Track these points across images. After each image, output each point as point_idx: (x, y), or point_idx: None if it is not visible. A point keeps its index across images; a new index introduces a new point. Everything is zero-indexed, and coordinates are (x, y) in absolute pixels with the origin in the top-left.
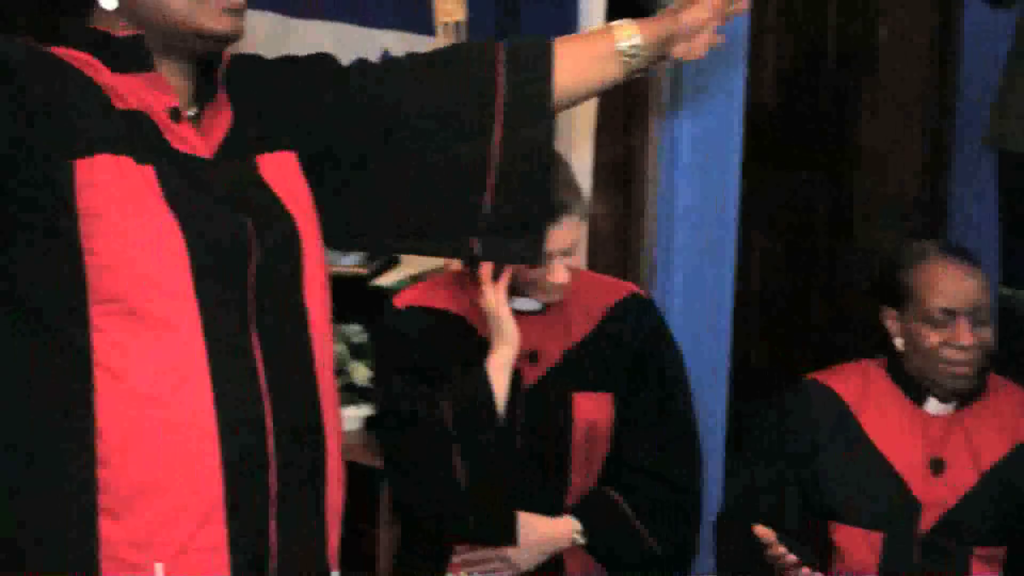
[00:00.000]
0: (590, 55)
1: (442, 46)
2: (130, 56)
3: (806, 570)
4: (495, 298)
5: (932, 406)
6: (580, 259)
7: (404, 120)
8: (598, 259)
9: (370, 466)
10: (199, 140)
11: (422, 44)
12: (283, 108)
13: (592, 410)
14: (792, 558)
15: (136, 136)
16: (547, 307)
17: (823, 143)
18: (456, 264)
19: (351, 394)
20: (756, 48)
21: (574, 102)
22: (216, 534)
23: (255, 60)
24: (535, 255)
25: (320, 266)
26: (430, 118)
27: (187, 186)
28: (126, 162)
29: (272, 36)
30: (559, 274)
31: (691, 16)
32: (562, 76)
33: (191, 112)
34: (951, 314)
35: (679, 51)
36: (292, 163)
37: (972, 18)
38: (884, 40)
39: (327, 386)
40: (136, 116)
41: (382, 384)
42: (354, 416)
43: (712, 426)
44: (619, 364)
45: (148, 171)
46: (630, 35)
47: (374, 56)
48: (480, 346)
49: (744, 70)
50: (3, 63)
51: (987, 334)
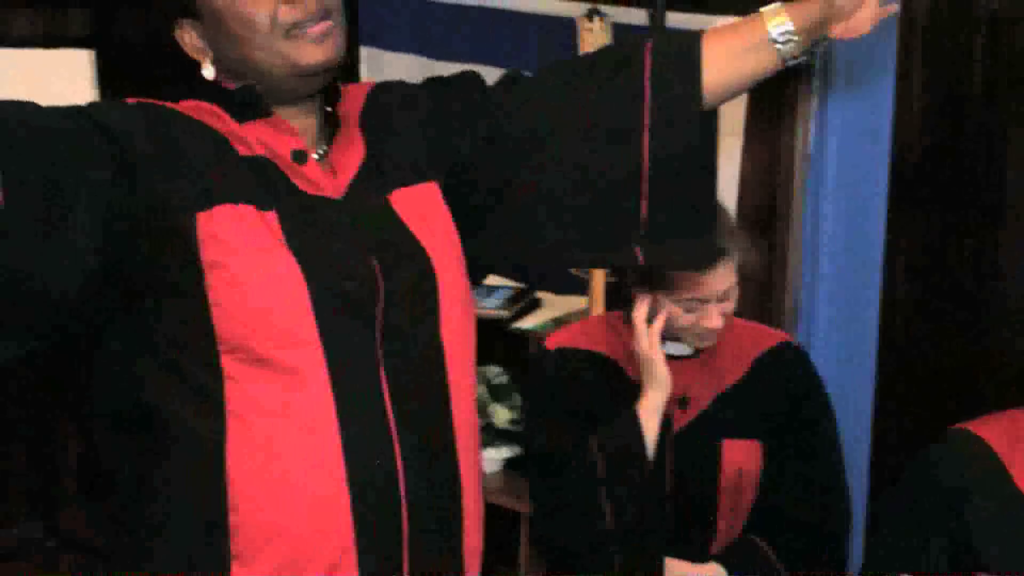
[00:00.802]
0: (741, 46)
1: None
2: (247, 105)
3: None
4: (648, 342)
5: None
6: (733, 304)
7: (554, 131)
8: (740, 301)
9: (510, 508)
10: (327, 180)
11: None
12: (430, 133)
13: (741, 457)
14: None
15: (260, 183)
16: (698, 352)
17: (970, 187)
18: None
19: (491, 436)
20: (902, 90)
21: (731, 94)
22: None
23: (399, 86)
24: (702, 260)
25: (460, 301)
26: (580, 127)
27: (311, 229)
28: (247, 210)
29: (415, 78)
30: (714, 319)
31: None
32: (712, 71)
33: (320, 151)
34: None
35: (838, 31)
36: (432, 194)
37: None
38: None
39: (464, 425)
40: (260, 162)
41: (531, 425)
42: (494, 458)
43: (855, 474)
44: (769, 412)
45: (271, 217)
46: (781, 21)
47: None
48: (631, 390)
49: (890, 113)
50: (107, 129)
51: None
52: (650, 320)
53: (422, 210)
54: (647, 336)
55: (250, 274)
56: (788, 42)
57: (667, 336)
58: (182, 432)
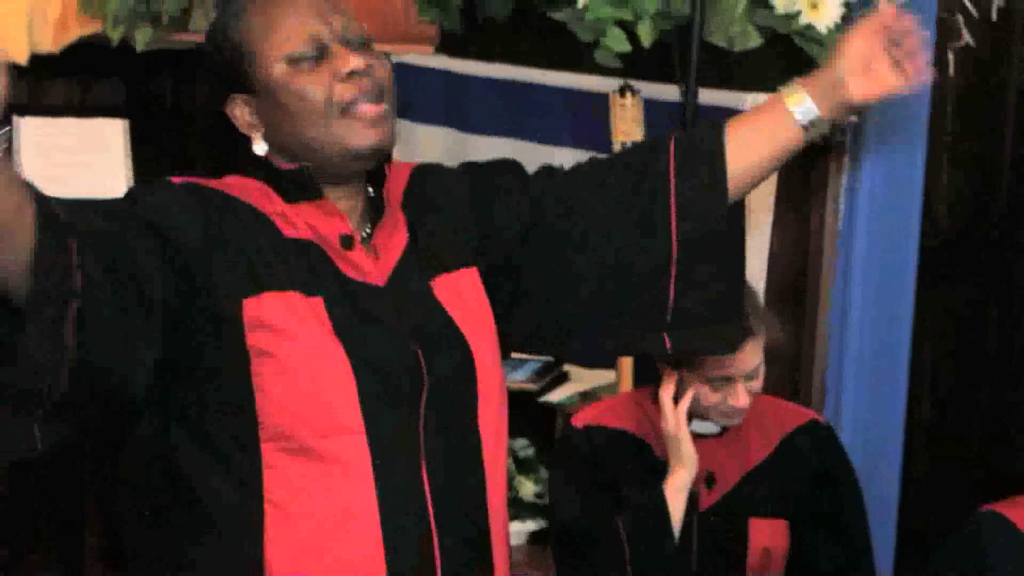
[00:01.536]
0: (764, 129)
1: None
2: (298, 187)
3: None
4: (675, 421)
5: None
6: (760, 382)
7: (587, 222)
8: (768, 377)
9: None
10: (372, 266)
11: None
12: (472, 219)
13: (768, 536)
14: None
15: (306, 267)
16: (725, 430)
17: (1000, 263)
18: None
19: (517, 509)
20: (931, 166)
21: (760, 178)
22: None
23: (440, 170)
24: (729, 345)
25: (496, 387)
26: (611, 218)
27: (357, 317)
28: (294, 297)
29: (451, 151)
30: (741, 398)
31: (852, 48)
32: (737, 157)
33: (363, 233)
34: None
35: (858, 90)
36: (472, 280)
37: None
38: None
39: (498, 510)
40: (307, 246)
41: (558, 502)
42: (519, 531)
43: (882, 554)
44: (797, 491)
45: (317, 304)
46: (800, 98)
47: None
48: (658, 467)
49: (920, 189)
50: (153, 226)
51: None
52: (677, 399)
53: (462, 297)
54: (674, 415)
55: (297, 362)
56: (808, 114)
57: (694, 414)
58: (219, 517)
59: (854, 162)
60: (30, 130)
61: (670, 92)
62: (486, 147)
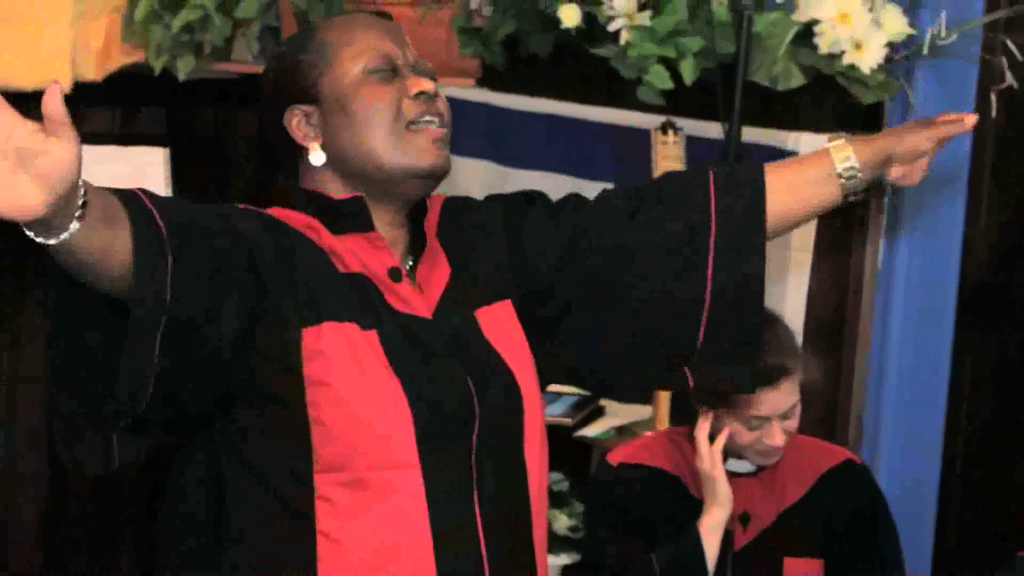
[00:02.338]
0: (805, 179)
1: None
2: (350, 218)
3: None
4: (710, 460)
5: None
6: (796, 422)
7: (617, 257)
8: (805, 417)
9: None
10: (418, 299)
11: None
12: (506, 252)
13: None
14: None
15: (359, 300)
16: (760, 469)
17: None
18: (666, 416)
19: (550, 542)
20: (971, 208)
21: (792, 226)
22: None
23: (469, 203)
24: (747, 383)
25: (538, 419)
26: (645, 253)
27: (411, 350)
28: (351, 328)
29: (491, 184)
30: (776, 437)
31: (914, 142)
32: (776, 202)
33: (407, 265)
34: None
35: (896, 174)
36: (509, 312)
37: None
38: None
39: (541, 544)
40: (358, 279)
41: (592, 538)
42: (553, 564)
43: None
44: (832, 531)
45: (372, 336)
46: (847, 156)
47: None
48: (692, 506)
49: (960, 231)
50: (244, 237)
51: None
52: (712, 438)
53: (503, 328)
54: (709, 454)
55: (354, 393)
56: (852, 177)
57: (730, 453)
58: (271, 551)
59: (895, 204)
60: None
61: (712, 129)
62: (527, 181)
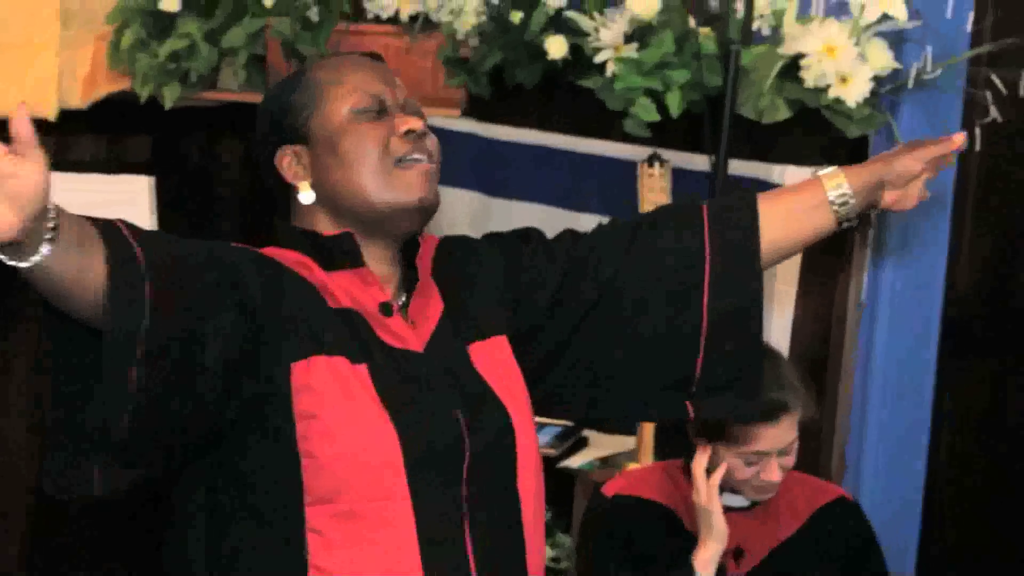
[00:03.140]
0: (799, 207)
1: (648, 211)
2: (340, 254)
3: None
4: (707, 494)
5: None
6: (794, 458)
7: (614, 290)
8: None
9: None
10: (410, 333)
11: None
12: (501, 289)
13: None
14: None
15: (350, 335)
16: (754, 504)
17: (1022, 340)
18: (650, 447)
19: None
20: (955, 240)
21: (786, 255)
22: None
23: (465, 241)
24: (748, 413)
25: (533, 452)
26: (640, 286)
27: (400, 384)
28: (341, 362)
29: (477, 214)
30: (774, 473)
31: (904, 165)
32: (770, 232)
33: (400, 301)
34: None
35: (890, 199)
36: (503, 347)
37: None
38: None
39: (537, 573)
40: (349, 314)
41: (586, 569)
42: None
43: None
44: (824, 567)
45: (362, 371)
46: (839, 183)
47: None
48: (687, 540)
49: (944, 263)
50: (231, 272)
51: None
52: (709, 471)
53: (496, 364)
54: (706, 488)
55: (343, 427)
56: (845, 204)
57: (725, 487)
58: None
59: (879, 233)
60: (57, 185)
61: (699, 161)
62: (512, 211)
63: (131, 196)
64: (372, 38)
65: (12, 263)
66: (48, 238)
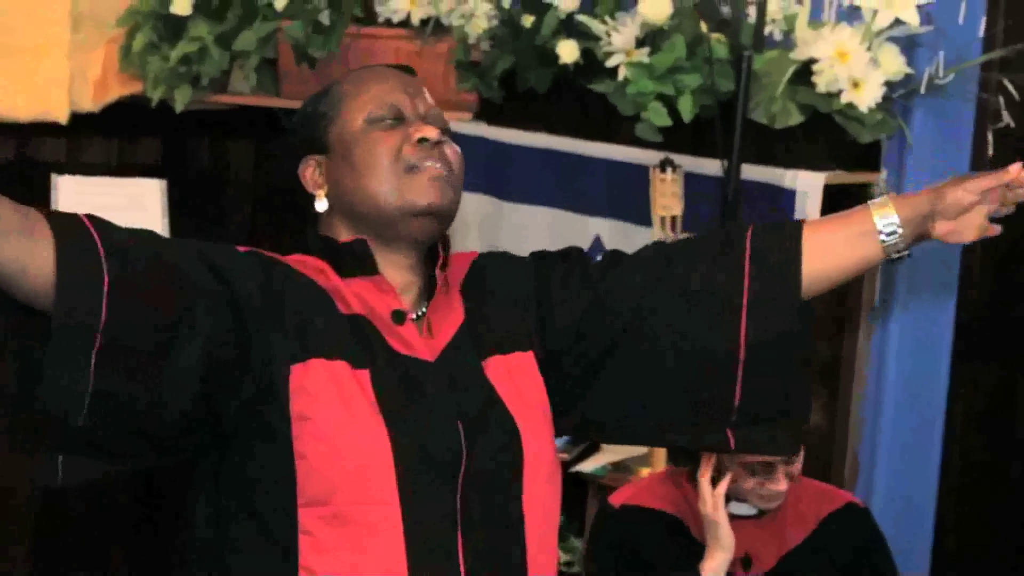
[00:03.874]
0: (845, 237)
1: (691, 236)
2: (355, 260)
3: None
4: (712, 504)
5: None
6: (799, 466)
7: (652, 315)
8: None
9: None
10: (421, 342)
11: (637, 233)
12: (532, 306)
13: None
14: None
15: (356, 341)
16: (762, 512)
17: None
18: (662, 453)
19: None
20: (966, 252)
21: (832, 284)
22: None
23: (503, 257)
24: (790, 447)
25: (546, 473)
26: (676, 307)
27: (402, 392)
28: (340, 367)
29: (488, 218)
30: (780, 482)
31: (954, 196)
32: (814, 261)
33: (418, 311)
34: None
35: (942, 230)
36: (527, 364)
37: None
38: None
39: None
40: (359, 321)
41: None
42: None
43: None
44: (833, 574)
45: (363, 376)
46: (888, 213)
47: (586, 242)
48: (694, 548)
49: (956, 266)
50: (220, 273)
51: None
52: (715, 481)
53: (515, 379)
54: (712, 498)
55: (336, 429)
56: (893, 234)
57: (732, 496)
58: None
59: None
60: (68, 188)
61: (711, 166)
62: (524, 215)
63: (142, 199)
64: (383, 42)
65: None
66: None
